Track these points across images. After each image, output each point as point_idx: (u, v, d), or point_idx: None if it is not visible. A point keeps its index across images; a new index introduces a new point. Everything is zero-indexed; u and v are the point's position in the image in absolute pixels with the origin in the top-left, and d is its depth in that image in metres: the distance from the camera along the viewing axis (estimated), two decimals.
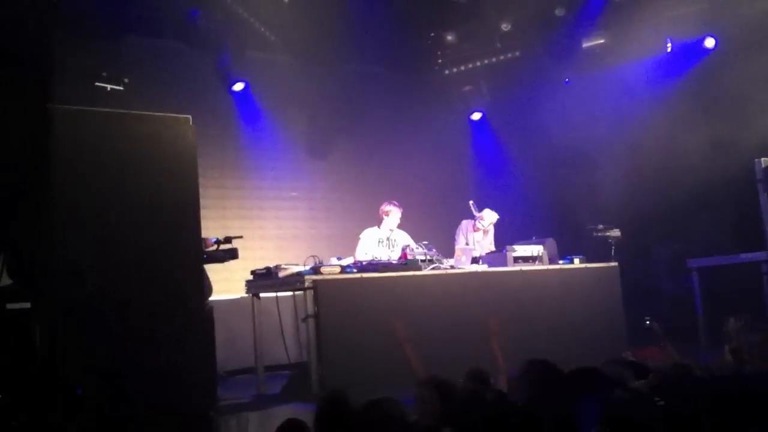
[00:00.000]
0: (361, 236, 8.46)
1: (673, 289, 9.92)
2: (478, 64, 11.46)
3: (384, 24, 10.06)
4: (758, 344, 5.46)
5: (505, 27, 10.78)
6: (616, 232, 8.96)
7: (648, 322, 6.93)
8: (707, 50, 9.87)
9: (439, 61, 11.55)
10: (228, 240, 6.53)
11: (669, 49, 10.07)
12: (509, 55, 11.25)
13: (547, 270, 8.46)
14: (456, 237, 9.14)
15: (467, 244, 8.98)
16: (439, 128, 11.84)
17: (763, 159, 8.44)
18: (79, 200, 5.22)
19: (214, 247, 6.44)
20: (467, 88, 11.72)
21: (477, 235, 9.15)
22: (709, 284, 9.21)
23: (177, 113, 5.79)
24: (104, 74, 8.86)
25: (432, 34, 11.24)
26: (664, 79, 10.14)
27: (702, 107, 9.59)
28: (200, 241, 5.81)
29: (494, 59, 11.37)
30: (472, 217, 9.13)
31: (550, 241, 8.86)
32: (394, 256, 7.95)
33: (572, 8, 10.33)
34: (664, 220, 9.98)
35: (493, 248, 9.09)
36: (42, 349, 4.89)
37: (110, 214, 5.30)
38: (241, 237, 6.85)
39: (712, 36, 9.79)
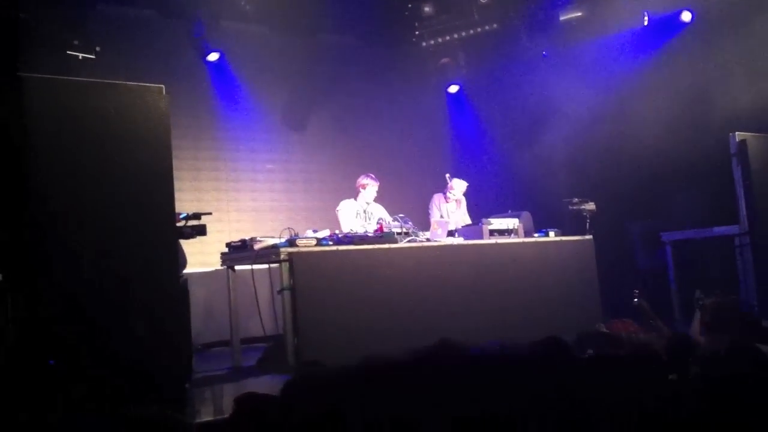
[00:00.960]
0: (339, 209, 8.43)
1: (647, 263, 9.98)
2: (456, 36, 11.38)
3: None
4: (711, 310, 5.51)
5: None
6: (591, 206, 8.98)
7: (636, 300, 6.99)
8: (684, 24, 9.86)
9: (417, 32, 11.45)
10: (197, 216, 6.41)
11: (646, 23, 10.04)
12: (487, 27, 11.18)
13: (523, 243, 8.49)
14: (430, 211, 9.13)
15: (441, 217, 8.97)
16: (416, 100, 11.80)
17: (737, 133, 8.48)
18: (48, 170, 5.13)
19: (182, 223, 6.33)
20: (444, 60, 11.66)
21: (450, 207, 9.14)
22: (683, 258, 9.29)
23: (150, 83, 5.70)
24: (76, 42, 8.68)
25: (410, 6, 11.15)
26: (641, 52, 10.14)
27: (678, 81, 9.60)
28: (173, 213, 5.74)
29: (472, 31, 11.30)
30: (445, 190, 9.14)
31: (526, 214, 8.88)
32: (370, 228, 7.93)
33: None
34: (639, 193, 10.02)
35: (467, 220, 9.10)
36: (15, 321, 4.84)
37: (81, 185, 5.22)
38: (210, 213, 6.75)
39: (689, 10, 9.77)
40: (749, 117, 8.78)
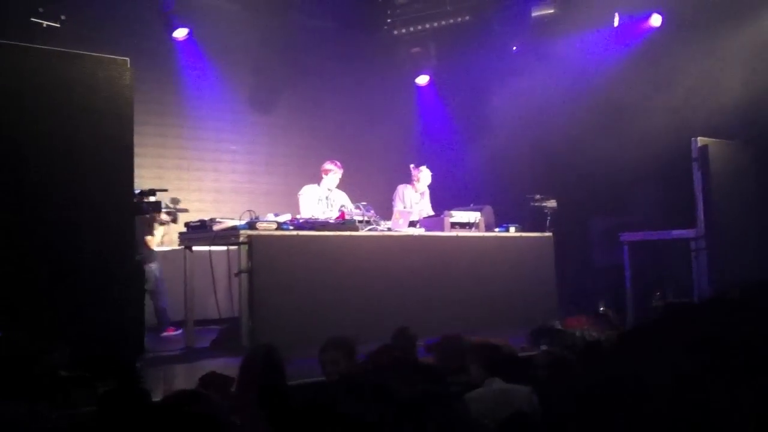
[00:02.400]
0: (301, 193, 8.37)
1: (604, 260, 10.10)
2: (428, 26, 11.36)
3: None
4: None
5: None
6: (552, 203, 9.05)
7: (602, 309, 7.05)
8: (653, 27, 9.96)
9: (389, 20, 11.42)
10: (152, 192, 6.31)
11: (616, 24, 10.12)
12: (459, 18, 11.18)
13: (483, 237, 8.52)
14: (393, 201, 9.11)
15: (405, 207, 8.96)
16: (385, 89, 11.76)
17: (699, 138, 8.59)
18: (7, 137, 5.03)
19: (138, 199, 6.24)
20: (415, 49, 11.65)
21: (414, 198, 9.14)
22: (639, 258, 9.40)
23: (116, 55, 5.61)
24: (41, 10, 8.51)
25: None
26: (610, 52, 10.21)
27: (643, 84, 9.70)
28: (132, 188, 5.66)
29: (444, 22, 11.29)
30: (409, 181, 9.13)
31: (488, 208, 8.92)
32: (332, 215, 7.89)
33: None
34: (601, 193, 10.12)
35: (430, 211, 9.11)
36: None
37: (39, 152, 5.14)
38: (166, 190, 6.65)
39: (658, 13, 9.86)
40: (711, 122, 8.90)
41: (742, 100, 8.92)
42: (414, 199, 9.13)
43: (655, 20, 9.93)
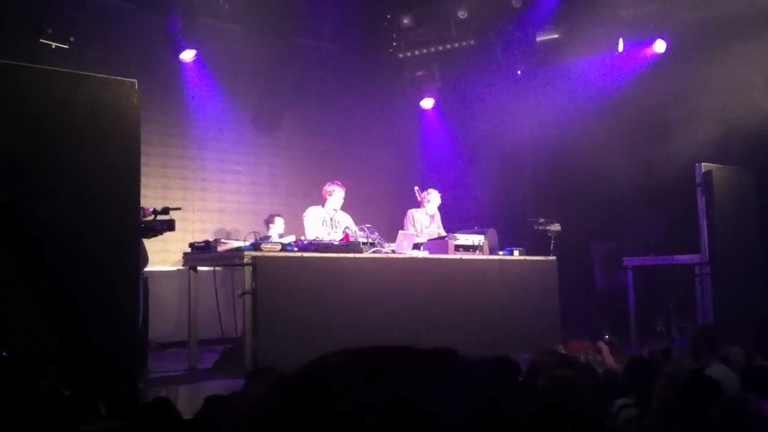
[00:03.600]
0: (306, 215, 8.38)
1: (608, 285, 10.10)
2: (433, 49, 11.41)
3: (341, 1, 9.96)
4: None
5: (462, 14, 10.77)
6: (556, 227, 9.06)
7: (607, 337, 7.06)
8: (658, 52, 10.02)
9: (394, 43, 11.46)
10: (166, 211, 6.36)
11: (621, 49, 10.17)
12: (464, 43, 11.23)
13: (487, 260, 8.53)
14: (405, 227, 9.12)
15: (416, 232, 8.98)
16: (389, 111, 11.82)
17: (703, 164, 8.62)
18: (15, 158, 5.06)
19: (152, 217, 6.28)
20: (420, 73, 11.69)
21: (424, 221, 9.15)
22: (642, 281, 9.40)
23: (123, 76, 5.64)
24: (50, 31, 8.54)
25: (388, 16, 11.17)
26: (614, 77, 10.27)
27: (648, 108, 9.74)
28: (138, 209, 5.68)
29: (449, 46, 11.33)
30: (417, 204, 9.15)
31: (492, 231, 8.94)
32: (336, 237, 7.90)
33: (529, 1, 10.38)
34: (604, 217, 10.14)
35: (443, 233, 9.09)
36: None
37: (48, 175, 5.16)
38: (179, 209, 6.69)
39: (663, 39, 9.92)
40: (715, 147, 8.93)
41: (746, 125, 8.94)
42: (424, 223, 9.14)
43: (659, 46, 9.98)
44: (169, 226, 6.31)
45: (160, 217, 6.27)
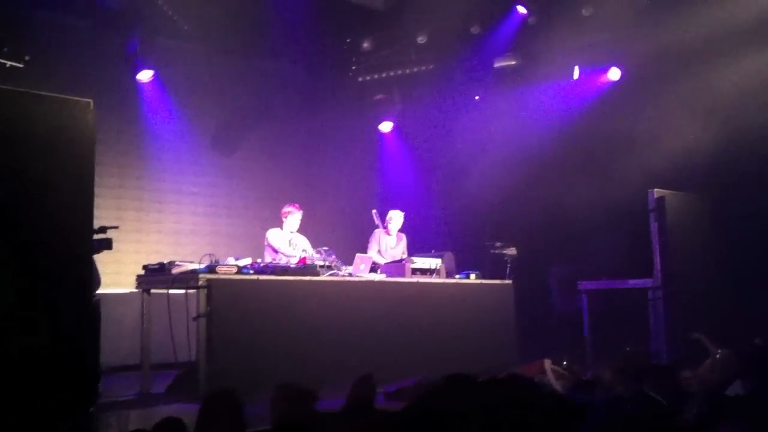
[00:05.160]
0: (270, 237, 8.33)
1: (566, 309, 10.18)
2: (392, 73, 11.50)
3: (302, 23, 9.99)
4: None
5: (421, 39, 10.88)
6: (512, 251, 9.15)
7: (565, 363, 7.08)
8: (612, 80, 10.20)
9: (354, 67, 11.54)
10: (102, 229, 6.21)
11: (576, 76, 10.34)
12: (423, 67, 11.34)
13: (443, 283, 8.56)
14: (369, 245, 9.13)
15: (379, 252, 8.99)
16: (348, 134, 11.85)
17: (656, 189, 8.76)
18: None
19: None
20: (379, 96, 11.76)
21: (389, 242, 9.17)
22: (598, 306, 9.49)
23: (79, 96, 5.58)
24: (5, 50, 8.45)
25: (348, 40, 11.24)
26: (571, 104, 10.43)
27: (603, 135, 9.89)
28: (91, 230, 5.59)
29: (408, 70, 11.43)
30: (375, 227, 9.17)
31: (449, 254, 8.99)
32: (293, 260, 7.88)
33: (487, 27, 10.52)
34: (563, 241, 10.24)
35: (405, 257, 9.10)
36: None
37: None
38: (116, 227, 6.53)
39: (617, 66, 10.11)
40: (668, 173, 9.08)
41: (698, 152, 9.13)
42: (390, 244, 9.16)
43: (614, 74, 10.18)
44: (106, 245, 6.17)
45: (96, 236, 6.13)
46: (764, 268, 8.70)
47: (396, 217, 9.21)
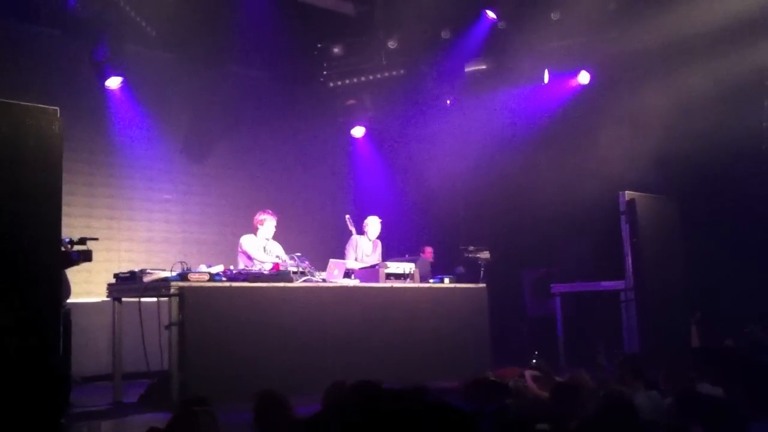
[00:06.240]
0: (244, 243, 8.25)
1: (539, 312, 10.23)
2: (363, 79, 11.50)
3: (271, 29, 9.96)
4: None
5: (392, 45, 10.91)
6: (485, 254, 9.16)
7: (534, 362, 7.08)
8: (582, 84, 10.29)
9: (325, 72, 11.52)
10: (83, 241, 6.17)
11: (546, 80, 10.42)
12: (394, 72, 11.36)
13: (417, 288, 8.55)
14: (346, 251, 9.09)
15: (356, 259, 8.97)
16: (320, 140, 11.83)
17: (627, 192, 8.83)
18: None
19: (67, 248, 6.08)
20: (351, 101, 11.75)
21: (367, 248, 9.16)
22: (571, 308, 9.56)
23: (46, 104, 5.51)
24: None
25: (319, 45, 11.23)
26: (541, 107, 10.50)
27: (573, 138, 9.98)
28: (59, 239, 5.52)
29: (379, 75, 11.44)
30: (350, 233, 9.13)
31: (423, 259, 8.99)
32: (267, 266, 7.83)
33: (458, 32, 10.56)
34: (533, 244, 10.31)
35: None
36: None
37: None
38: (96, 239, 6.49)
39: (587, 70, 10.20)
40: (638, 176, 9.18)
41: (667, 155, 9.24)
42: (366, 250, 9.14)
43: (584, 77, 10.27)
44: (86, 256, 6.13)
45: (77, 248, 6.07)
46: (732, 268, 8.83)
47: (373, 223, 9.21)
